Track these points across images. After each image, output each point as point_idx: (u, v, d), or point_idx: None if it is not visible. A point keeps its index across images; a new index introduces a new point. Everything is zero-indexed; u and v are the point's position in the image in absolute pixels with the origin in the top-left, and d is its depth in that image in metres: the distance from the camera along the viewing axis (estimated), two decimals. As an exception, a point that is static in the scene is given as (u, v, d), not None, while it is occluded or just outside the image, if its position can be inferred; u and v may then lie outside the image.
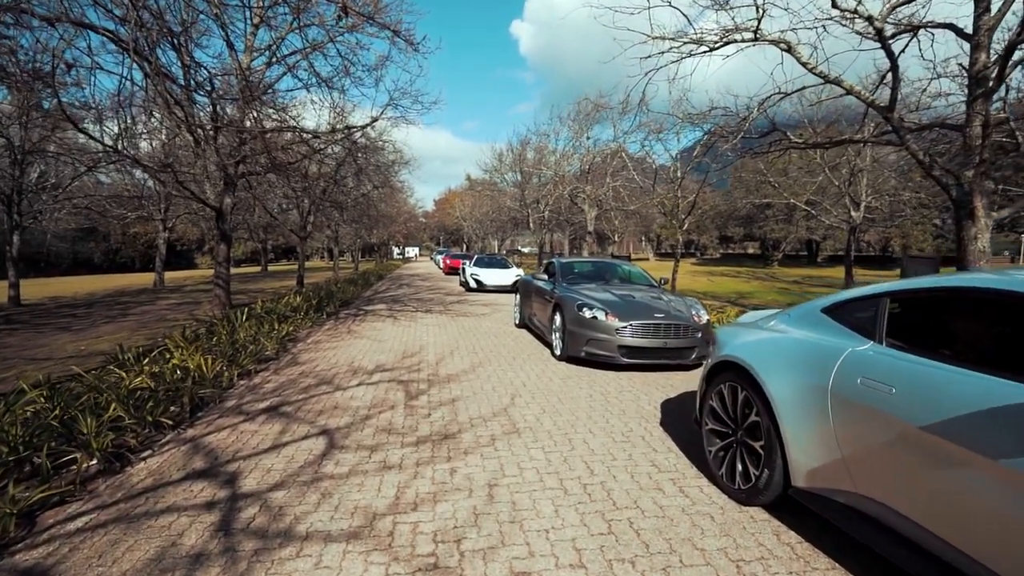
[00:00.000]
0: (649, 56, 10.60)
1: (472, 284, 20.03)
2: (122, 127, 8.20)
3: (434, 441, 4.23)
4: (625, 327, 6.43)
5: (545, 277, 8.80)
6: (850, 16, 8.87)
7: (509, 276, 19.94)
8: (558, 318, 7.35)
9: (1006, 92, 9.66)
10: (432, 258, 62.13)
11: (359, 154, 16.71)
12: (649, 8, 9.91)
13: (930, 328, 2.57)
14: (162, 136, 16.22)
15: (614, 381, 6.18)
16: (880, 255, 47.61)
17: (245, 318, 9.61)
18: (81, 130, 11.33)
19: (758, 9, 9.36)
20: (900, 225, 33.93)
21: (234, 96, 8.96)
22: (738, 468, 3.12)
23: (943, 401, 2.00)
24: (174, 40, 7.47)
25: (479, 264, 21.24)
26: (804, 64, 9.43)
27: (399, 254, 79.05)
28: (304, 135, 14.65)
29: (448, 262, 33.51)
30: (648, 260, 61.40)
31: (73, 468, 3.76)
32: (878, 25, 7.76)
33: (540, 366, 6.97)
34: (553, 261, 9.21)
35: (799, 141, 10.94)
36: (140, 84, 7.19)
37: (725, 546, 2.73)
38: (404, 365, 7.08)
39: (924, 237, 37.59)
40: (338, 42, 12.08)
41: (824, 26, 9.49)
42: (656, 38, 10.23)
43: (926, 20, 8.76)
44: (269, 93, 12.91)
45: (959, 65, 8.78)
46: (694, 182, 24.04)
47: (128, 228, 40.11)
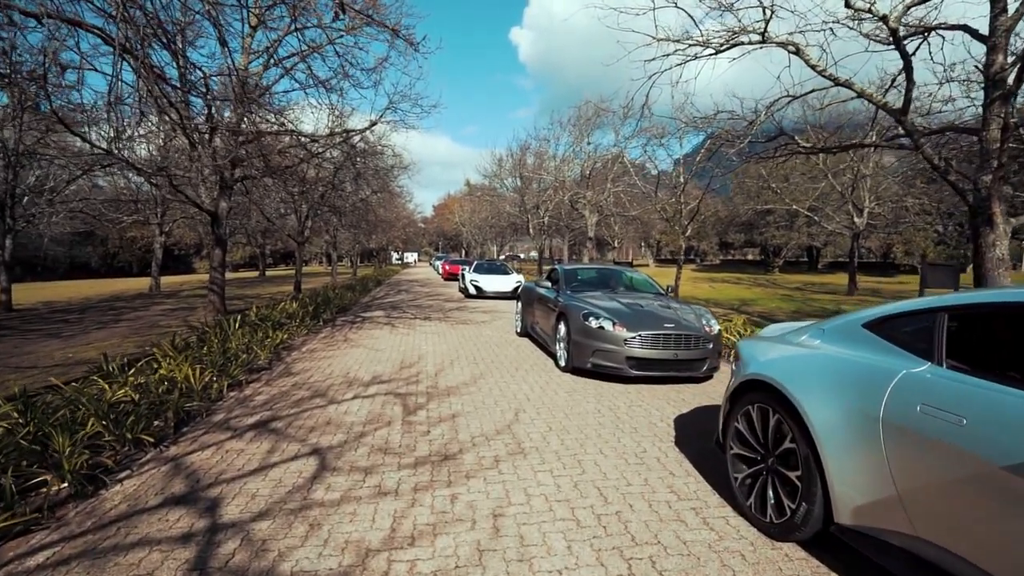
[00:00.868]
0: (654, 59, 10.36)
1: (471, 291, 19.74)
2: (113, 127, 7.95)
3: (433, 463, 3.93)
4: (633, 338, 6.14)
5: (548, 284, 8.51)
6: (861, 17, 8.66)
7: (509, 283, 19.65)
8: (562, 328, 7.06)
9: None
10: (431, 264, 61.83)
11: (358, 158, 16.46)
12: (654, 9, 9.68)
13: (1000, 349, 2.28)
14: (158, 139, 15.97)
15: (623, 395, 5.88)
16: (881, 262, 47.37)
17: (238, 325, 9.31)
18: (74, 132, 11.07)
19: (765, 11, 9.14)
20: (902, 232, 33.74)
21: (227, 97, 8.68)
22: (770, 499, 2.83)
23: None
24: (168, 40, 7.21)
25: (479, 270, 20.95)
26: (813, 67, 9.19)
27: (398, 259, 78.75)
28: (302, 139, 14.39)
29: (447, 268, 33.23)
30: (648, 266, 61.20)
31: (43, 491, 3.47)
32: (892, 25, 7.52)
33: (544, 378, 6.67)
34: (556, 268, 8.92)
35: (807, 145, 10.69)
36: (132, 84, 6.93)
37: (759, 590, 2.43)
38: (402, 376, 6.78)
39: (926, 244, 37.34)
40: (337, 44, 11.83)
41: (832, 29, 9.27)
42: (661, 40, 10.00)
43: (937, 22, 8.54)
44: (266, 96, 12.68)
45: (975, 67, 8.53)
46: (696, 188, 23.84)
47: (125, 232, 39.81)
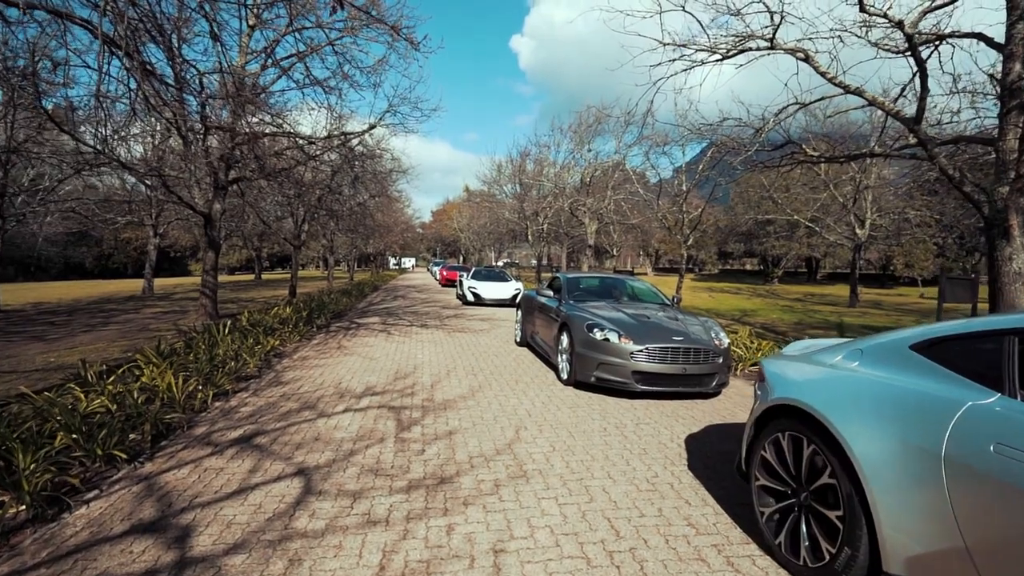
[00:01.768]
0: (659, 64, 10.14)
1: (470, 297, 19.43)
2: (100, 124, 7.65)
3: (428, 487, 3.62)
4: (640, 351, 5.85)
5: (550, 293, 8.21)
6: (871, 24, 8.45)
7: (508, 290, 19.36)
8: (565, 339, 6.76)
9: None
10: (429, 269, 61.54)
11: (356, 162, 16.19)
12: (660, 12, 9.46)
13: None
14: (149, 138, 15.67)
15: (629, 411, 5.59)
16: (880, 273, 47.22)
17: (228, 331, 9.00)
18: (63, 129, 10.77)
19: (773, 17, 8.93)
20: (903, 244, 33.61)
21: (218, 94, 8.39)
22: (803, 539, 2.53)
23: None
24: (159, 34, 6.93)
25: (477, 277, 20.64)
26: (823, 74, 8.98)
27: (395, 265, 78.44)
28: (299, 140, 14.12)
29: (445, 274, 32.92)
30: (647, 274, 61.03)
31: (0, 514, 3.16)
32: (908, 31, 7.29)
33: (546, 391, 6.37)
34: (559, 276, 8.64)
35: (815, 154, 10.46)
36: (121, 79, 6.65)
37: (797, 648, 2.14)
38: (396, 388, 6.47)
39: (926, 256, 37.20)
40: (336, 44, 11.61)
41: (840, 37, 9.08)
42: (667, 44, 9.78)
43: (950, 30, 8.32)
44: (263, 96, 12.41)
45: (989, 76, 8.31)
46: (697, 198, 23.65)
47: (119, 234, 39.44)
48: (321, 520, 3.14)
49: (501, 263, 66.93)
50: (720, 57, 9.73)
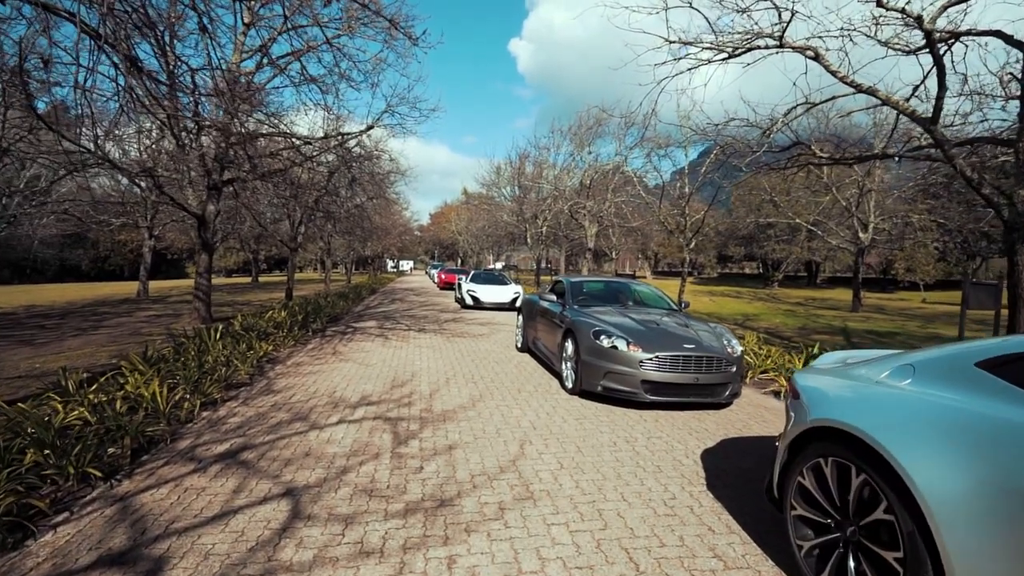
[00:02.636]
0: (664, 62, 9.88)
1: (468, 301, 19.13)
2: (87, 120, 7.36)
3: (427, 510, 3.32)
4: (650, 359, 5.56)
5: (553, 297, 7.91)
6: (883, 22, 8.20)
7: (507, 293, 19.06)
8: (570, 346, 6.47)
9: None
10: (427, 272, 61.24)
11: (353, 163, 15.91)
12: (667, 8, 9.20)
13: None
14: (145, 139, 15.37)
15: (639, 423, 5.29)
16: (880, 277, 47.01)
17: (219, 336, 8.69)
18: (52, 128, 10.48)
19: (781, 15, 8.68)
20: (905, 248, 33.41)
21: (210, 92, 8.11)
22: (851, 580, 2.24)
23: None
24: (151, 30, 6.64)
25: (476, 280, 20.35)
26: (834, 73, 8.73)
27: (393, 267, 78.11)
28: (295, 141, 13.84)
29: (443, 277, 32.62)
30: (646, 278, 60.78)
31: (-48, 545, 2.86)
32: (927, 27, 7.04)
33: (550, 401, 6.07)
34: (562, 280, 8.34)
35: (824, 156, 10.20)
36: (111, 77, 6.37)
37: None
38: (393, 397, 6.17)
39: (927, 261, 37.00)
40: (333, 42, 11.34)
41: (850, 35, 8.83)
42: (673, 42, 9.52)
43: (966, 27, 8.07)
44: (259, 95, 12.13)
45: (1009, 75, 8.06)
46: (698, 201, 23.40)
47: (114, 235, 39.08)
48: (309, 550, 2.84)
49: (499, 266, 66.70)
50: (727, 56, 9.47)
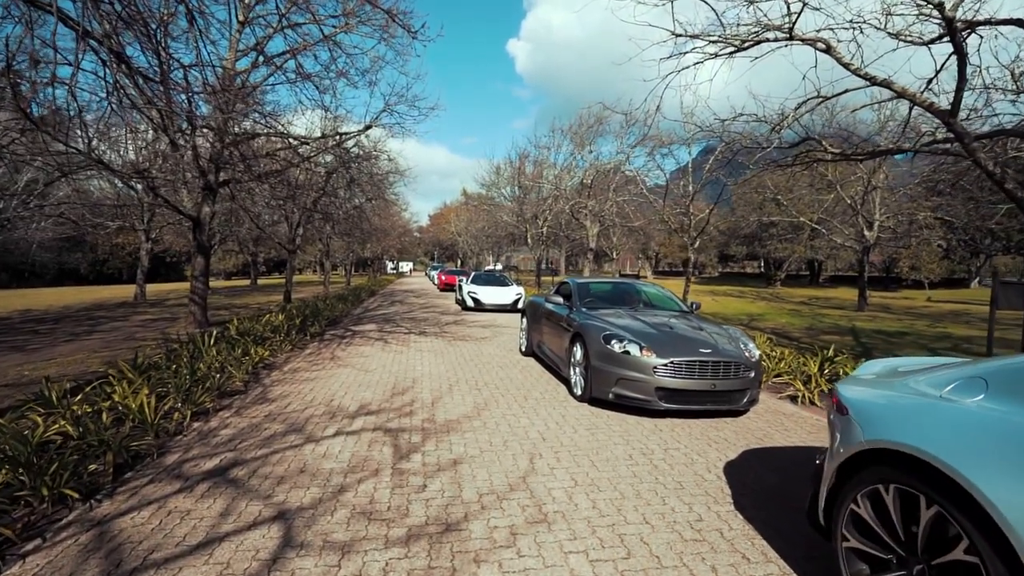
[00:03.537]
0: (670, 56, 9.60)
1: (469, 303, 18.83)
2: (74, 118, 7.08)
3: (431, 536, 3.03)
4: (665, 365, 5.27)
5: (559, 300, 7.62)
6: (894, 11, 7.93)
7: (509, 295, 18.77)
8: (578, 350, 6.18)
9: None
10: (427, 273, 60.95)
11: (352, 164, 15.63)
12: (672, 0, 8.91)
13: None
14: (140, 141, 15.07)
15: (653, 433, 5.00)
16: (883, 276, 46.71)
17: (213, 342, 8.40)
18: (42, 129, 10.19)
19: (790, 6, 8.39)
20: (911, 246, 33.16)
21: (203, 89, 7.81)
22: (920, 626, 1.96)
23: None
24: (140, 23, 6.35)
25: (477, 281, 20.05)
26: (846, 65, 8.45)
27: (393, 269, 77.83)
28: (291, 141, 13.56)
29: (443, 278, 32.33)
30: (647, 278, 60.52)
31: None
32: (949, 14, 6.75)
33: (559, 410, 5.78)
34: (567, 281, 8.05)
35: (836, 151, 9.91)
36: (98, 73, 6.09)
37: None
38: (394, 406, 5.88)
39: (931, 259, 36.74)
40: (330, 39, 11.07)
41: (860, 27, 8.55)
42: (680, 36, 9.23)
43: (984, 16, 7.78)
44: (255, 94, 11.86)
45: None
46: (701, 200, 23.11)
47: (112, 239, 38.81)
48: (301, 586, 2.55)
49: (498, 267, 66.40)
50: (735, 49, 9.18)
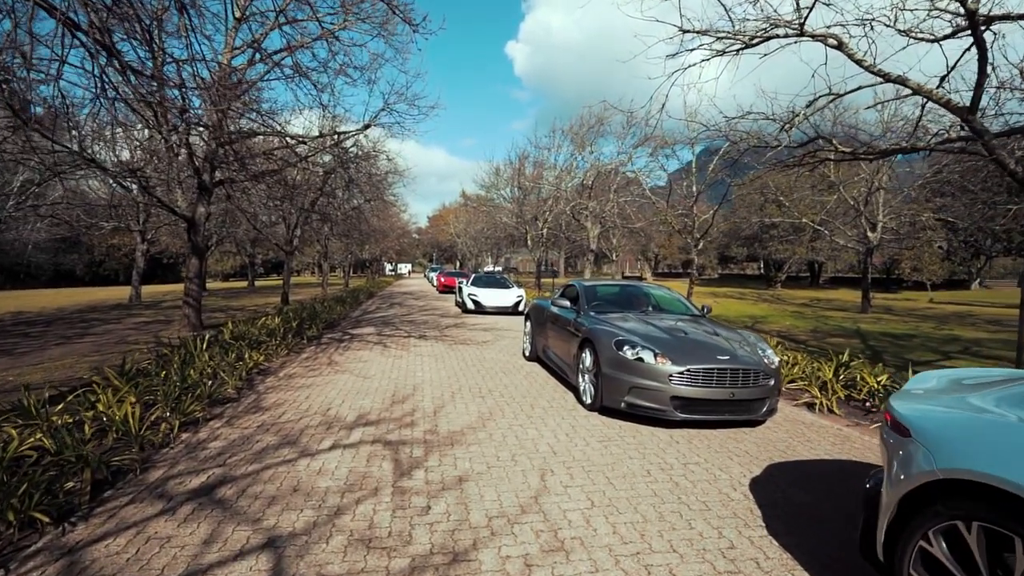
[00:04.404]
0: (677, 53, 9.33)
1: (469, 305, 18.52)
2: (56, 113, 6.80)
3: (437, 568, 2.73)
4: (681, 373, 4.98)
5: (566, 303, 7.31)
6: (904, 7, 7.68)
7: (510, 297, 18.47)
8: (588, 357, 5.89)
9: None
10: (425, 275, 60.63)
11: (350, 164, 15.33)
12: (681, -7, 8.64)
13: None
14: (125, 135, 14.74)
15: (670, 445, 4.71)
16: (884, 277, 46.49)
17: (206, 346, 8.10)
18: (30, 127, 9.90)
19: (799, 3, 8.14)
20: (914, 247, 32.97)
21: (198, 85, 7.52)
22: None
23: None
24: (136, 22, 6.05)
25: (477, 283, 19.74)
26: (859, 62, 8.20)
27: (391, 270, 77.52)
28: (288, 140, 13.26)
29: (443, 280, 32.00)
30: (646, 279, 60.26)
31: None
32: (971, 6, 6.49)
33: (568, 420, 5.48)
34: (574, 284, 7.76)
35: (847, 150, 9.64)
36: (87, 68, 5.79)
37: None
38: (394, 415, 5.59)
39: (932, 260, 36.54)
40: (329, 35, 10.79)
41: (871, 24, 8.30)
42: (687, 31, 8.96)
43: (1003, 11, 7.53)
44: (251, 92, 11.56)
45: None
46: (703, 202, 22.88)
47: (107, 239, 38.48)
48: (291, 630, 2.26)
49: (497, 268, 66.11)
50: (743, 46, 8.92)
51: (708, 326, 6.26)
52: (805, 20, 8.27)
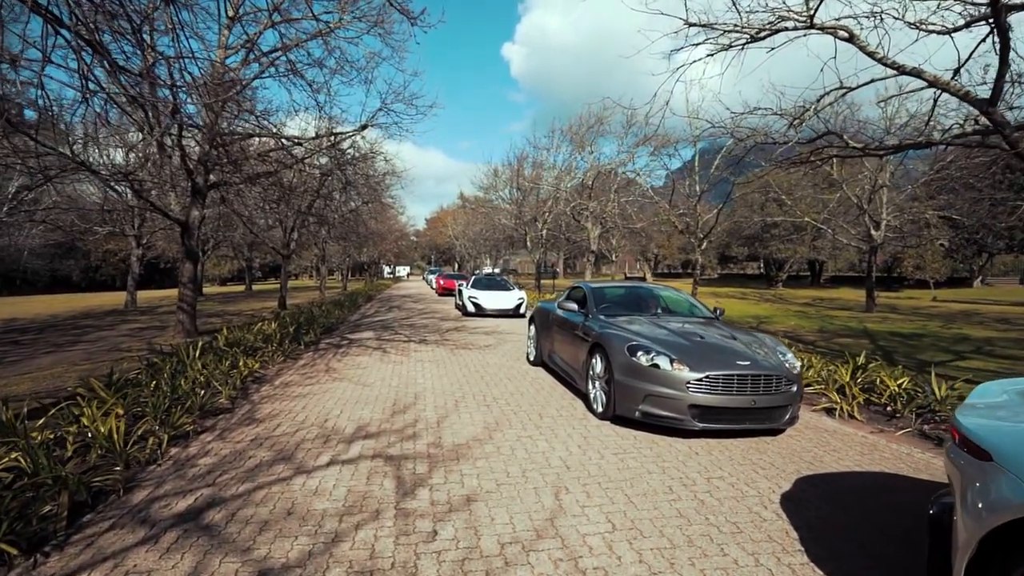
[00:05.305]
0: (682, 48, 9.07)
1: (470, 308, 18.23)
2: (45, 117, 6.51)
3: (447, 607, 2.45)
4: (699, 380, 4.70)
5: (573, 306, 7.02)
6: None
7: (511, 299, 18.18)
8: (598, 363, 5.61)
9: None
10: (424, 278, 60.32)
11: (347, 166, 15.05)
12: (689, -16, 8.39)
13: None
14: (117, 137, 14.46)
15: (689, 457, 4.43)
16: (885, 276, 46.26)
17: (199, 354, 7.81)
18: (17, 129, 9.61)
19: (808, -6, 7.90)
20: (916, 245, 32.75)
21: (190, 84, 7.22)
22: None
23: None
24: (124, 17, 5.76)
25: (477, 286, 19.45)
26: (871, 54, 7.95)
27: (389, 273, 77.20)
28: (284, 141, 12.98)
29: (442, 283, 31.67)
30: (646, 279, 59.99)
31: None
32: (995, -6, 6.23)
33: (579, 430, 5.19)
34: (580, 286, 7.48)
35: (858, 146, 9.38)
36: (73, 68, 5.51)
37: None
38: (395, 426, 5.29)
39: (935, 258, 36.32)
40: (325, 34, 10.53)
41: (880, 16, 8.06)
42: (693, 25, 8.71)
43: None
44: (246, 93, 11.28)
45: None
46: (705, 202, 22.63)
47: (102, 245, 38.14)
48: None
49: (496, 270, 65.82)
50: (749, 39, 8.67)
51: (724, 329, 5.98)
52: (815, 12, 8.03)
